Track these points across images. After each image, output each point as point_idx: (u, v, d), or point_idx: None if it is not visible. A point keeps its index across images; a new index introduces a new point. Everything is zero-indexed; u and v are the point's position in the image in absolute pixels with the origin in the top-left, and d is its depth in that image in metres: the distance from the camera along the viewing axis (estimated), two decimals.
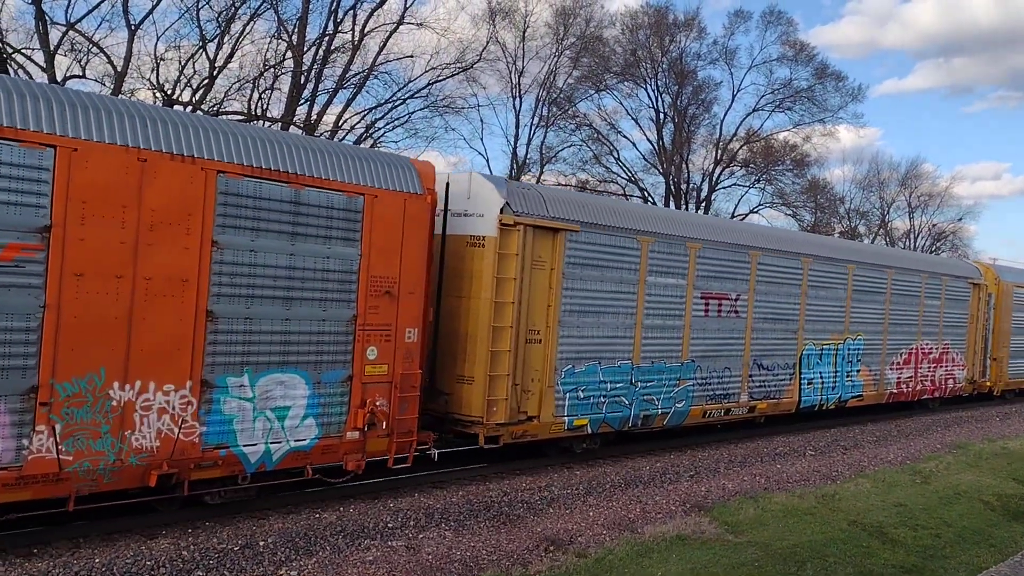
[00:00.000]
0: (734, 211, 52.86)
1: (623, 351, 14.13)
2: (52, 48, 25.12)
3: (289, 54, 29.87)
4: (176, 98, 27.17)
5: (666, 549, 10.34)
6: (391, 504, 11.15)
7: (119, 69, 26.21)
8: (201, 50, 28.01)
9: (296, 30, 30.38)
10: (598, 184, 49.57)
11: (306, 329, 10.22)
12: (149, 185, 8.83)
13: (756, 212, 53.33)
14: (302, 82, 30.39)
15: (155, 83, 27.41)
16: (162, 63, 27.72)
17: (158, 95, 27.03)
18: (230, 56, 28.70)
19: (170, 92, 27.33)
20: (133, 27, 26.51)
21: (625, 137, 51.65)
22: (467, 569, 9.25)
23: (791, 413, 18.34)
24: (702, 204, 50.92)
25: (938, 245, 64.38)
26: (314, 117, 31.31)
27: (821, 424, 20.33)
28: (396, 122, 34.61)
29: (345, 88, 32.50)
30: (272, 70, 29.66)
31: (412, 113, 34.80)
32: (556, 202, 13.30)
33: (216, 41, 28.20)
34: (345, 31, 31.84)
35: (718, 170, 51.64)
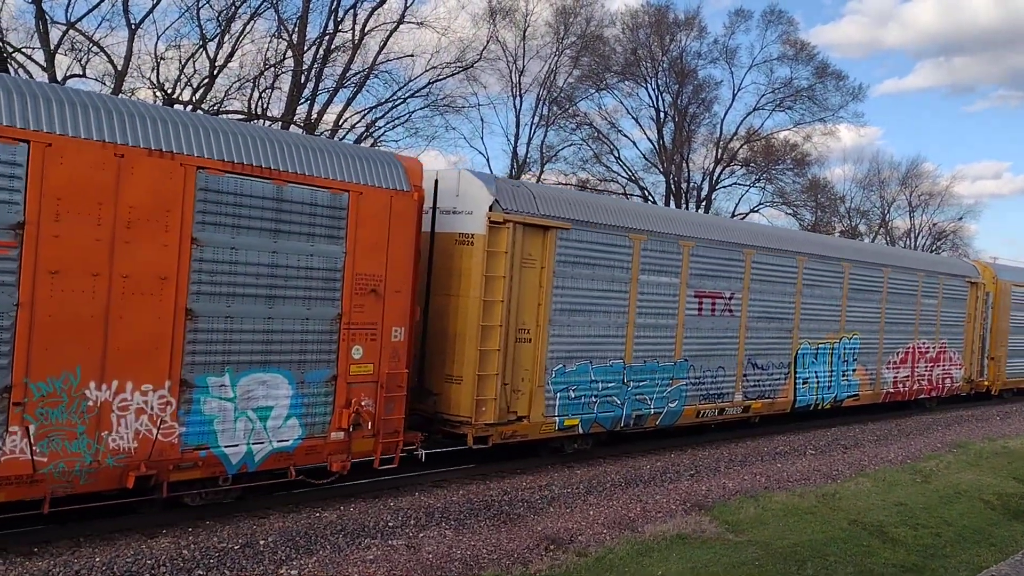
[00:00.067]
0: (734, 210, 52.78)
1: (615, 350, 13.97)
2: (52, 47, 25.09)
3: (289, 53, 29.83)
4: (176, 97, 27.11)
5: (666, 548, 10.31)
6: (391, 503, 11.12)
7: (119, 68, 26.19)
8: (201, 49, 28.00)
9: (296, 29, 30.34)
10: (598, 183, 49.47)
11: (289, 328, 10.07)
12: (126, 181, 8.69)
13: (756, 211, 53.27)
14: (302, 81, 30.35)
15: (155, 82, 27.41)
16: (162, 62, 27.78)
17: (158, 94, 26.97)
18: (230, 55, 28.70)
19: (170, 91, 27.27)
20: (133, 26, 26.56)
21: (625, 136, 51.47)
22: (467, 568, 9.23)
23: (786, 413, 18.20)
24: (702, 203, 50.79)
25: (938, 244, 64.17)
26: (314, 116, 31.29)
27: (821, 423, 20.24)
28: (396, 121, 34.63)
29: (345, 87, 32.55)
30: (272, 69, 29.66)
31: (412, 112, 34.82)
32: (546, 200, 13.14)
33: (216, 40, 28.21)
34: (345, 30, 31.86)
35: (718, 169, 51.55)
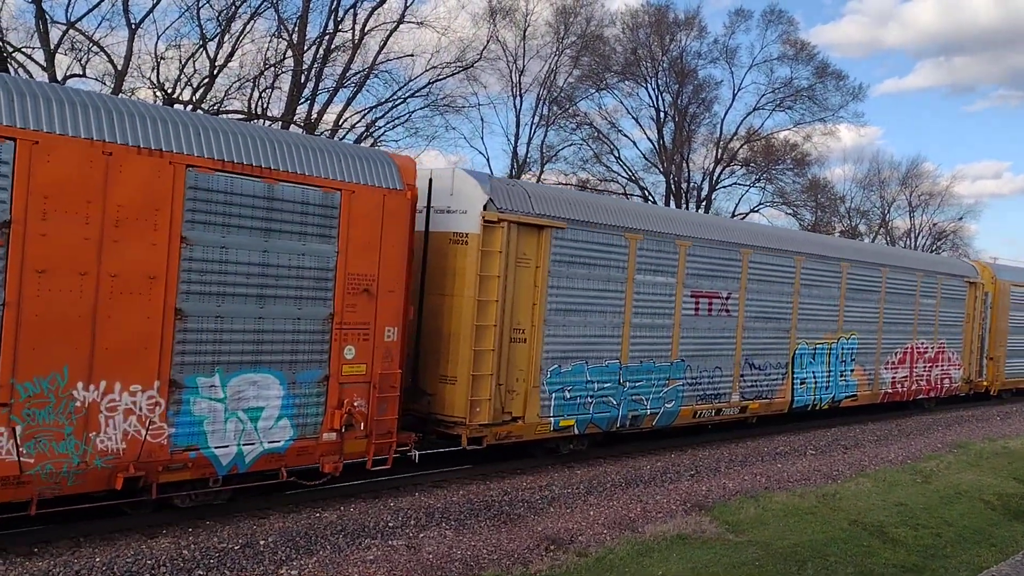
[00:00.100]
0: (734, 210, 52.70)
1: (611, 350, 13.87)
2: (52, 47, 25.08)
3: (289, 53, 29.80)
4: (177, 97, 27.08)
5: (667, 548, 10.28)
6: (391, 503, 11.09)
7: (119, 68, 26.19)
8: (201, 49, 28.02)
9: (296, 29, 30.33)
10: (599, 183, 49.42)
11: (280, 328, 9.98)
12: (115, 179, 8.60)
13: (756, 211, 53.19)
14: (302, 81, 30.34)
15: (155, 82, 27.43)
16: (162, 62, 27.82)
17: (159, 94, 26.94)
18: (230, 55, 28.73)
19: (170, 91, 27.23)
20: (133, 26, 26.60)
21: (626, 136, 51.32)
22: (468, 568, 9.21)
23: (783, 413, 18.10)
24: (702, 203, 50.70)
25: (939, 244, 64.06)
26: (314, 116, 31.26)
27: (822, 423, 20.18)
28: (396, 121, 34.65)
29: (345, 87, 32.55)
30: (272, 69, 29.69)
31: (412, 112, 34.84)
32: (541, 198, 13.05)
33: (216, 40, 28.23)
34: (345, 30, 31.85)
35: (719, 169, 51.49)
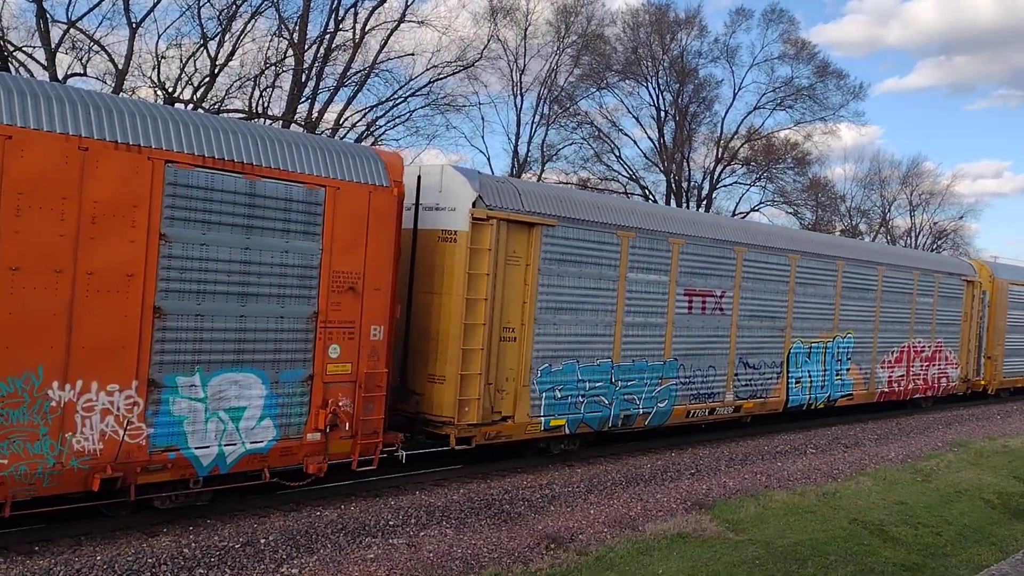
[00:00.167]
0: (735, 209, 52.47)
1: (603, 349, 13.71)
2: (53, 46, 24.97)
3: (290, 52, 29.69)
4: (177, 96, 26.99)
5: (667, 547, 10.29)
6: (392, 502, 11.02)
7: (120, 67, 26.08)
8: (202, 48, 27.92)
9: (297, 28, 30.21)
10: (599, 182, 49.22)
11: (263, 326, 9.83)
12: (91, 175, 8.46)
13: (757, 210, 52.93)
14: (303, 80, 30.23)
15: (156, 81, 27.34)
16: (163, 61, 27.70)
17: (159, 93, 26.85)
18: (231, 54, 28.61)
19: (171, 90, 27.14)
20: (134, 25, 26.48)
21: (626, 135, 50.95)
22: (468, 567, 9.18)
23: (778, 413, 17.94)
24: (703, 202, 50.49)
25: (939, 243, 63.77)
26: (315, 115, 31.13)
27: (823, 423, 20.06)
28: (397, 120, 34.49)
29: (346, 86, 32.39)
30: (273, 68, 29.57)
31: (413, 111, 34.66)
32: (532, 196, 12.88)
33: (217, 39, 28.11)
34: (346, 29, 31.70)
35: (719, 168, 51.25)
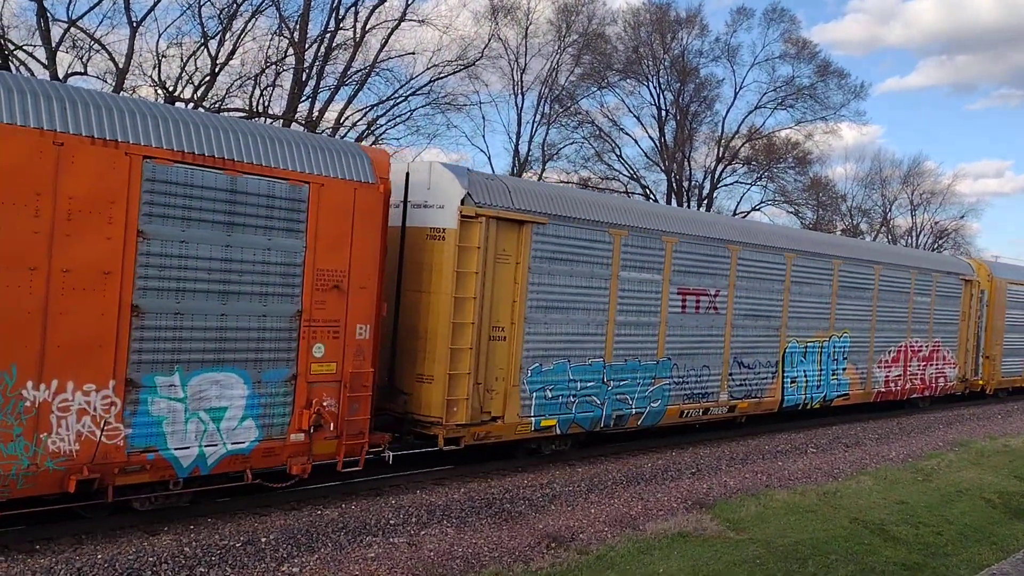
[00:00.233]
0: (736, 208, 52.31)
1: (594, 349, 13.54)
2: (54, 45, 24.99)
3: (291, 51, 29.67)
4: (178, 95, 26.93)
5: (667, 546, 10.25)
6: (393, 501, 10.97)
7: (121, 66, 26.08)
8: (203, 47, 27.96)
9: (298, 27, 30.20)
10: (600, 182, 49.11)
11: (244, 325, 9.66)
12: (66, 171, 8.29)
13: (758, 210, 52.79)
14: (304, 79, 30.25)
15: (157, 80, 27.35)
16: (164, 60, 27.75)
17: (160, 92, 26.78)
18: (232, 53, 28.70)
19: (172, 89, 27.07)
20: (135, 24, 26.50)
21: (627, 134, 50.86)
22: (469, 566, 9.15)
23: (774, 412, 17.76)
24: (704, 201, 50.34)
25: (940, 243, 63.54)
26: (316, 114, 31.06)
27: (823, 422, 19.95)
28: (398, 119, 34.51)
29: (347, 85, 32.47)
30: (274, 67, 29.65)
31: (414, 110, 34.74)
32: (522, 193, 12.71)
33: (218, 38, 28.14)
34: (347, 28, 31.75)
35: (720, 167, 51.18)
